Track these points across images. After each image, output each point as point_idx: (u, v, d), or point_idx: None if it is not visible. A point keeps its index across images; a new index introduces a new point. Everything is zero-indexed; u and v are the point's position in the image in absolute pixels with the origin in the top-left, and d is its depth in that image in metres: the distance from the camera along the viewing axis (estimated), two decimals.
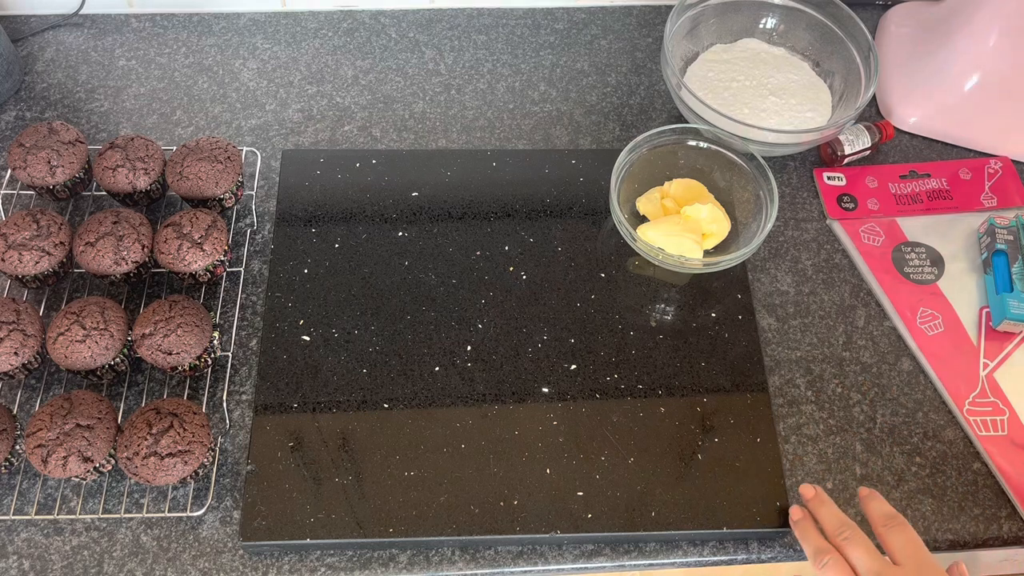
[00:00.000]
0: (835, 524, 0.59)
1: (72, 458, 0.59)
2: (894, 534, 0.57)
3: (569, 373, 0.69)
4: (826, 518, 0.60)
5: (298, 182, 0.77)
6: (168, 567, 0.61)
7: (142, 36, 0.89)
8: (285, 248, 0.74)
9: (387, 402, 0.67)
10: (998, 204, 0.81)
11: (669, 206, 0.75)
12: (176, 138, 0.82)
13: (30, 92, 0.85)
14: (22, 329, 0.64)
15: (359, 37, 0.91)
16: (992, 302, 0.74)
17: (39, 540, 0.62)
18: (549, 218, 0.76)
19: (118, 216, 0.69)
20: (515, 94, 0.87)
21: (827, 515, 0.60)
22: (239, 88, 0.86)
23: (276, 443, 0.64)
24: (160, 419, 0.60)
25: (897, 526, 0.58)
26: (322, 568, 0.62)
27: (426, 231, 0.75)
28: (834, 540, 0.59)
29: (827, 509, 0.61)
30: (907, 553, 0.56)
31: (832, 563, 0.57)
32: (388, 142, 0.83)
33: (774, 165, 0.82)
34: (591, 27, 0.93)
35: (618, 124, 0.85)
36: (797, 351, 0.72)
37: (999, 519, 0.66)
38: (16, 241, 0.67)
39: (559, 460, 0.64)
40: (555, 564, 0.63)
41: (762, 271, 0.77)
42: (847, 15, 0.83)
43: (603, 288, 0.73)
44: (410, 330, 0.70)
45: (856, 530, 0.58)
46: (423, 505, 0.62)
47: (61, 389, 0.68)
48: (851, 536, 0.58)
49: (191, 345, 0.64)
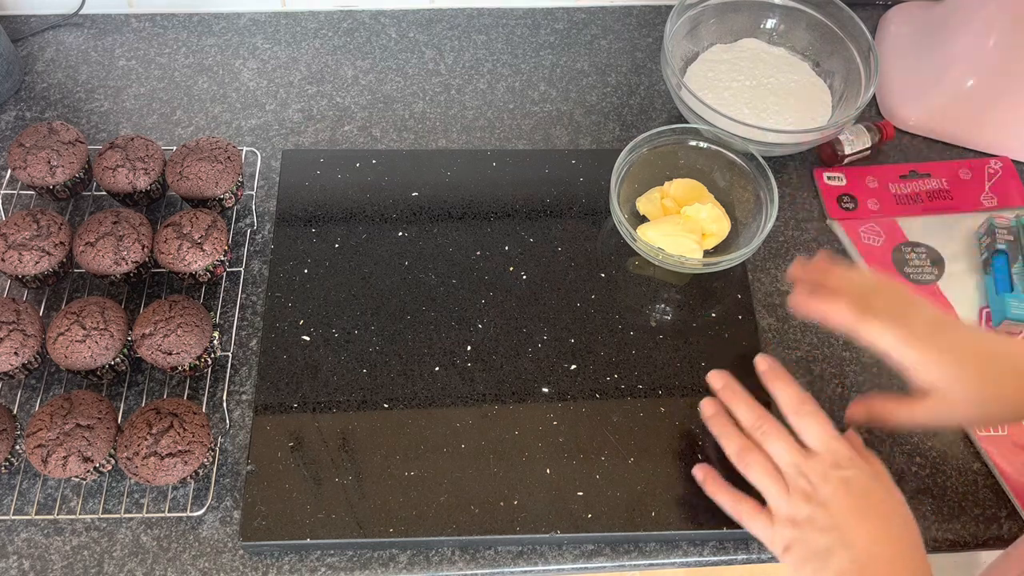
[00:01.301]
0: (752, 418, 0.59)
1: (72, 458, 0.59)
2: (807, 422, 0.58)
3: (569, 373, 0.69)
4: (742, 412, 0.60)
5: (298, 182, 0.77)
6: (168, 567, 0.61)
7: (142, 36, 0.89)
8: (285, 248, 0.74)
9: (387, 402, 0.67)
10: (998, 204, 0.81)
11: (669, 206, 0.75)
12: (176, 138, 0.82)
13: (30, 92, 0.85)
14: (22, 329, 0.64)
15: (359, 37, 0.91)
16: (992, 302, 0.74)
17: (39, 540, 0.62)
18: (549, 218, 0.76)
19: (118, 216, 0.69)
20: (515, 94, 0.87)
21: (742, 408, 0.60)
22: (239, 88, 0.86)
23: (276, 443, 0.64)
24: (160, 419, 0.60)
25: (809, 414, 0.58)
26: (322, 568, 0.62)
27: (426, 231, 0.75)
28: (752, 435, 0.59)
29: (741, 401, 0.61)
30: (822, 441, 0.57)
31: (755, 461, 0.58)
32: (388, 142, 0.83)
33: (774, 165, 0.82)
34: (591, 27, 0.93)
35: (618, 124, 0.85)
36: (797, 351, 0.72)
37: (999, 519, 0.66)
38: (16, 241, 0.67)
39: (559, 460, 0.64)
40: (555, 564, 0.63)
41: (762, 271, 0.77)
42: (847, 15, 0.83)
43: (603, 288, 0.73)
44: (410, 330, 0.70)
45: (773, 422, 0.58)
46: (423, 505, 0.62)
47: (61, 389, 0.68)
48: (768, 430, 0.58)
49: (191, 345, 0.64)
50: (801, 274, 0.63)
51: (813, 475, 0.55)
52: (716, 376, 0.63)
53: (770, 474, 0.57)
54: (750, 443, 0.59)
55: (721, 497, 0.60)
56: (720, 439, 0.61)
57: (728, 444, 0.60)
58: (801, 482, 0.56)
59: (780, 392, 0.60)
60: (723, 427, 0.61)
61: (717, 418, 0.61)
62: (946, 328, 0.58)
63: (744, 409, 0.60)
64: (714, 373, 0.63)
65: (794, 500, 0.55)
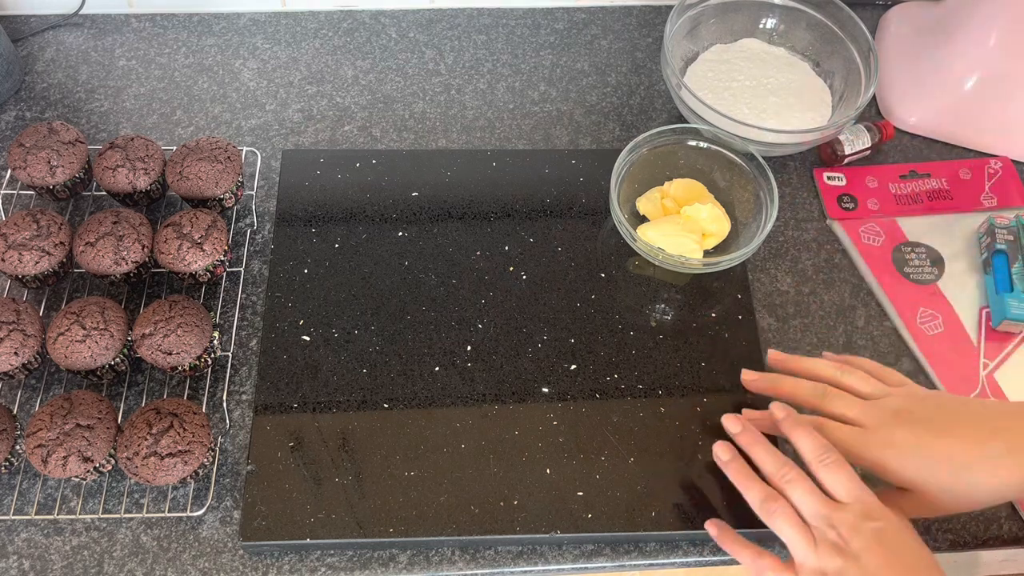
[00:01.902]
0: (775, 465, 0.57)
1: (72, 458, 0.59)
2: (831, 471, 0.55)
3: (569, 373, 0.69)
4: (763, 458, 0.58)
5: (298, 182, 0.77)
6: (168, 567, 0.61)
7: (142, 36, 0.89)
8: (285, 248, 0.74)
9: (387, 402, 0.67)
10: (998, 204, 0.81)
11: (669, 206, 0.75)
12: (176, 138, 0.82)
13: (30, 92, 0.85)
14: (22, 329, 0.64)
15: (359, 37, 0.91)
16: (992, 302, 0.74)
17: (39, 540, 0.62)
18: (549, 218, 0.76)
19: (118, 216, 0.69)
20: (515, 94, 0.87)
21: (763, 454, 0.58)
22: (239, 88, 0.86)
23: (276, 443, 0.64)
24: (160, 419, 0.60)
25: (833, 463, 0.55)
26: (322, 568, 0.62)
27: (426, 231, 0.75)
28: (774, 482, 0.56)
29: (761, 447, 0.58)
30: (849, 491, 0.54)
31: (779, 510, 0.55)
32: (388, 142, 0.83)
33: (774, 165, 0.82)
34: (591, 27, 0.93)
35: (618, 124, 0.85)
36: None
37: (999, 519, 0.66)
38: (16, 241, 0.67)
39: (559, 460, 0.64)
40: (555, 564, 0.63)
41: (762, 271, 0.77)
42: (847, 15, 0.83)
43: (603, 288, 0.73)
44: (410, 330, 0.70)
45: (797, 470, 0.56)
46: (423, 505, 0.62)
47: (61, 389, 0.68)
48: (793, 478, 0.55)
49: (191, 345, 0.64)
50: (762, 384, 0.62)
51: (843, 527, 0.53)
52: (732, 420, 0.61)
53: (796, 524, 0.54)
54: (773, 491, 0.56)
55: (739, 552, 0.58)
56: (740, 486, 0.58)
57: (750, 492, 0.57)
58: (831, 534, 0.53)
59: (801, 441, 0.57)
60: (743, 473, 0.58)
61: (735, 463, 0.59)
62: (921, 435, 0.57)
63: (765, 455, 0.58)
64: (729, 417, 0.61)
65: (823, 552, 0.52)
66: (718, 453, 0.60)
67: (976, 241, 0.78)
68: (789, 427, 0.58)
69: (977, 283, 0.76)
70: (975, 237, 0.78)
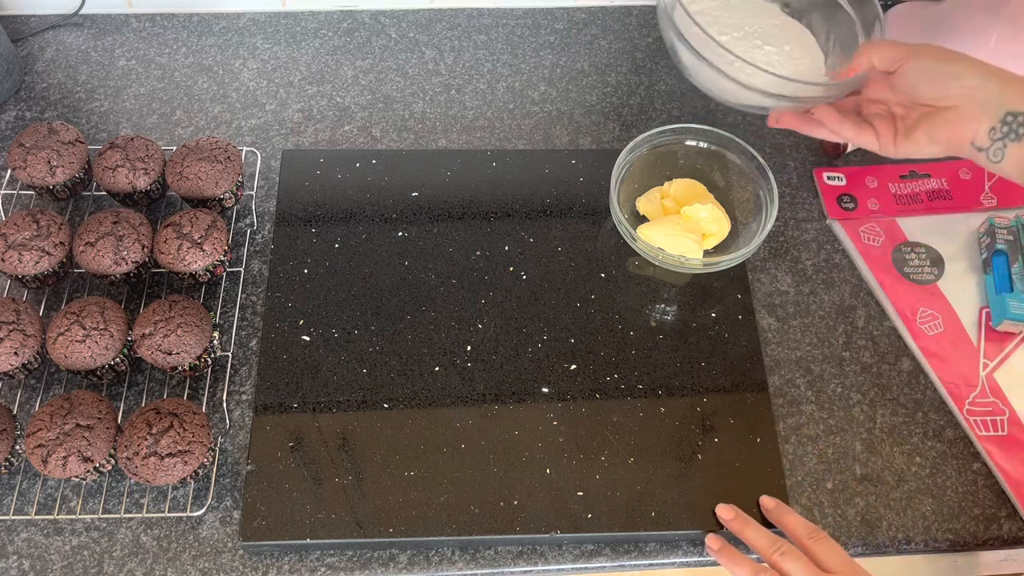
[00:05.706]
0: (767, 542, 0.60)
1: (72, 458, 0.59)
2: (821, 546, 0.58)
3: (569, 373, 0.69)
4: (755, 538, 0.61)
5: (298, 182, 0.77)
6: (168, 567, 0.61)
7: (142, 36, 0.89)
8: (285, 248, 0.74)
9: (387, 402, 0.67)
10: (998, 204, 0.81)
11: (669, 206, 0.75)
12: (176, 138, 0.82)
13: (30, 92, 0.85)
14: (22, 329, 0.64)
15: (359, 37, 0.91)
16: (992, 302, 0.74)
17: (39, 540, 0.62)
18: (549, 218, 0.76)
19: (118, 216, 0.69)
20: (515, 94, 0.87)
21: (755, 535, 0.61)
22: (239, 88, 0.86)
23: (276, 443, 0.64)
24: (160, 419, 0.60)
25: (822, 539, 0.59)
26: (322, 568, 0.62)
27: (426, 231, 0.75)
28: (769, 558, 0.59)
29: (753, 529, 0.61)
30: (838, 562, 0.57)
31: None
32: (388, 142, 0.83)
33: (774, 165, 0.82)
34: (591, 27, 0.93)
35: (618, 124, 0.85)
36: (797, 351, 0.72)
37: (999, 519, 0.66)
38: (16, 241, 0.67)
39: (559, 460, 0.64)
40: (555, 564, 0.63)
41: (762, 271, 0.77)
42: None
43: (603, 288, 0.73)
44: (410, 330, 0.70)
45: (788, 544, 0.59)
46: (423, 505, 0.62)
47: (61, 389, 0.68)
48: (787, 550, 0.58)
49: (191, 345, 0.64)
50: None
51: None
52: (725, 509, 0.63)
53: None
54: (762, 565, 0.59)
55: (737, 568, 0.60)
56: (731, 567, 0.61)
57: (741, 568, 0.60)
58: None
59: (791, 522, 0.61)
60: (734, 556, 0.61)
61: (726, 550, 0.61)
62: None
63: (758, 535, 0.61)
64: (722, 506, 0.63)
65: None
66: (709, 543, 0.62)
67: (976, 241, 0.78)
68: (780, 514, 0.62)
69: (977, 283, 0.76)
70: (975, 237, 0.78)
